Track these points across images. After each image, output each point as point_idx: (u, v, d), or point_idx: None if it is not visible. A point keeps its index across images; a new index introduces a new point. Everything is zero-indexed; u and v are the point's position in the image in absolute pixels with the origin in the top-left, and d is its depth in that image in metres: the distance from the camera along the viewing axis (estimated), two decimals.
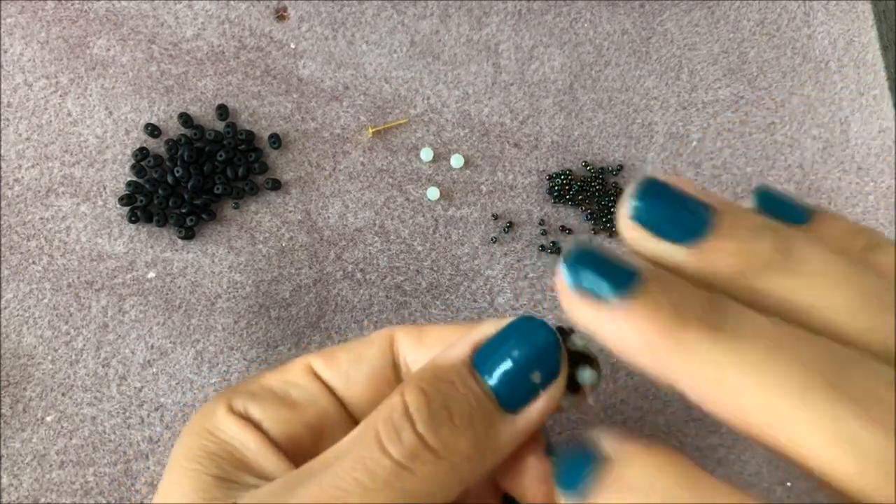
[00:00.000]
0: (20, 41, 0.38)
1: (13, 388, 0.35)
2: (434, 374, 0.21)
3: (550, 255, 0.41)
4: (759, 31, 0.45)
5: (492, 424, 0.21)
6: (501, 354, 0.21)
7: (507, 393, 0.21)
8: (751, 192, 0.19)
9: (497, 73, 0.42)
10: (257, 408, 0.25)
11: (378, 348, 0.26)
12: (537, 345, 0.21)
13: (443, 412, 0.20)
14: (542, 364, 0.21)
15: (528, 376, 0.21)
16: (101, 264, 0.37)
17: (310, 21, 0.41)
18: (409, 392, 0.20)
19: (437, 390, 0.20)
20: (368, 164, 0.40)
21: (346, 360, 0.26)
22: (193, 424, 0.25)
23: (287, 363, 0.27)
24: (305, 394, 0.26)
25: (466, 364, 0.21)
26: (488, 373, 0.21)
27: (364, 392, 0.26)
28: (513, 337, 0.21)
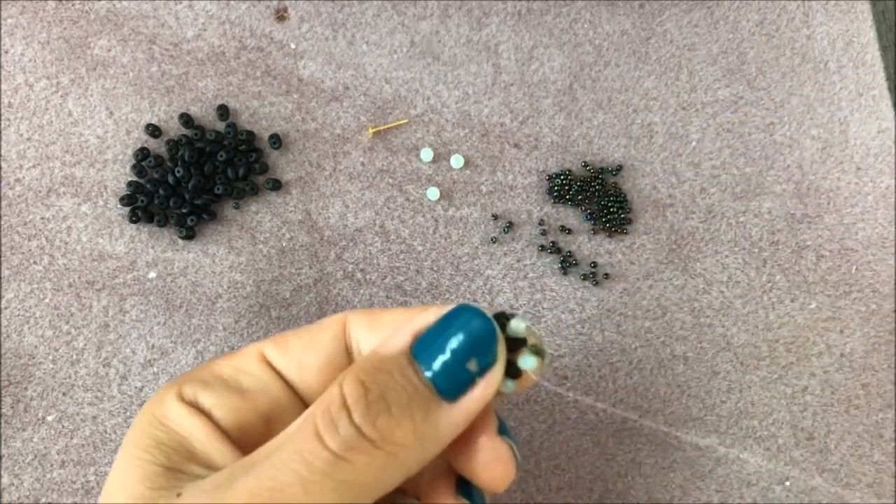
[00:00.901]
0: (21, 42, 0.38)
1: (14, 388, 0.35)
2: (373, 365, 0.21)
3: (550, 255, 0.41)
4: (758, 31, 0.45)
5: (430, 413, 0.21)
6: (439, 344, 0.21)
7: (445, 382, 0.21)
8: None
9: (497, 74, 0.42)
10: (207, 395, 0.24)
11: (330, 334, 0.26)
12: (473, 333, 0.21)
13: (380, 403, 0.20)
14: (478, 352, 0.21)
15: (464, 365, 0.21)
16: (102, 264, 0.37)
17: (310, 21, 0.41)
18: (347, 383, 0.21)
19: (376, 381, 0.21)
20: (369, 164, 0.40)
21: (298, 347, 0.25)
22: (145, 412, 0.25)
23: (240, 349, 0.27)
24: (257, 381, 0.25)
25: (405, 353, 0.21)
26: (426, 362, 0.21)
27: (316, 379, 0.26)
28: (450, 326, 0.21)
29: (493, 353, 0.21)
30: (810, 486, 0.40)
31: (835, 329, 0.42)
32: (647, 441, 0.40)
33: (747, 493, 0.40)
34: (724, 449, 0.40)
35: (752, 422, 0.40)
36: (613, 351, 0.40)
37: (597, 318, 0.40)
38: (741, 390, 0.41)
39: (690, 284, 0.41)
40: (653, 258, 0.41)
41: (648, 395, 0.40)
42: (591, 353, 0.40)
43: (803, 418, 0.41)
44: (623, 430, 0.40)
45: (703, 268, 0.42)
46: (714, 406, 0.40)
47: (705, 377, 0.41)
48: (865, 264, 0.43)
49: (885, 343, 0.42)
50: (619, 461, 0.39)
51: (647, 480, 0.39)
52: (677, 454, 0.40)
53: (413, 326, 0.22)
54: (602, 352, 0.40)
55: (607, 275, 0.41)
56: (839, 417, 0.41)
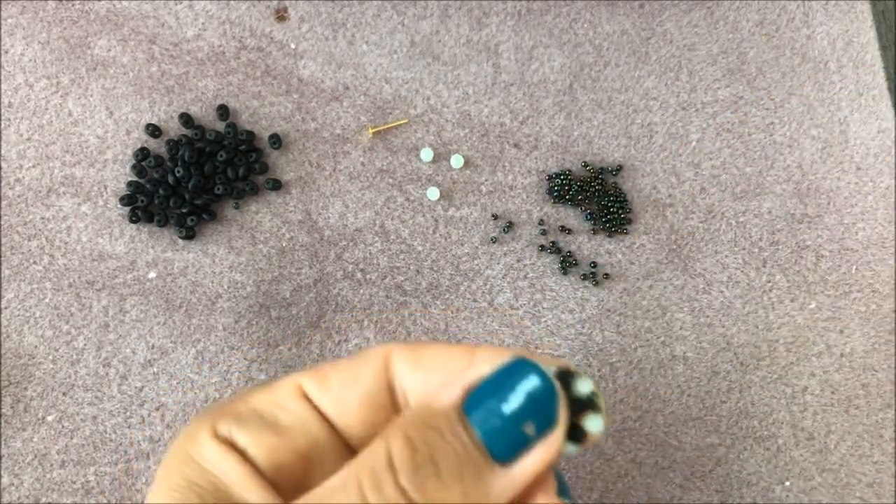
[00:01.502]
0: (21, 42, 0.38)
1: (14, 388, 0.35)
2: (422, 421, 0.20)
3: (550, 255, 0.41)
4: (758, 31, 0.45)
5: (481, 477, 0.20)
6: (493, 401, 0.20)
7: (499, 444, 0.20)
8: None
9: (497, 74, 0.42)
10: (243, 433, 0.23)
11: (372, 371, 0.24)
12: (531, 394, 0.20)
13: (429, 465, 0.19)
14: (536, 415, 0.20)
15: (520, 427, 0.20)
16: (102, 264, 0.37)
17: (310, 21, 0.41)
18: (394, 440, 0.20)
19: (424, 440, 0.20)
20: (369, 164, 0.40)
21: (339, 383, 0.24)
22: (177, 449, 0.24)
23: (276, 382, 0.25)
24: (295, 418, 0.24)
25: (457, 410, 0.20)
26: (479, 420, 0.20)
27: (357, 418, 0.24)
28: (506, 382, 0.20)
29: (553, 416, 0.20)
30: (810, 486, 0.40)
31: (835, 329, 0.42)
32: (647, 441, 0.40)
33: (747, 493, 0.40)
34: (725, 449, 0.40)
35: (752, 422, 0.40)
36: (613, 351, 0.40)
37: (597, 318, 0.40)
38: (741, 390, 0.41)
39: (690, 284, 0.41)
40: (653, 258, 0.41)
41: (648, 395, 0.40)
42: (591, 353, 0.40)
43: (803, 418, 0.41)
44: (623, 430, 0.40)
45: (703, 268, 0.42)
46: (714, 406, 0.40)
47: (705, 377, 0.41)
48: (865, 264, 0.43)
49: (885, 343, 0.42)
50: (619, 461, 0.39)
51: (647, 480, 0.39)
52: (677, 454, 0.40)
53: (465, 379, 0.21)
54: (602, 351, 0.40)
55: (607, 275, 0.41)
56: (839, 417, 0.41)
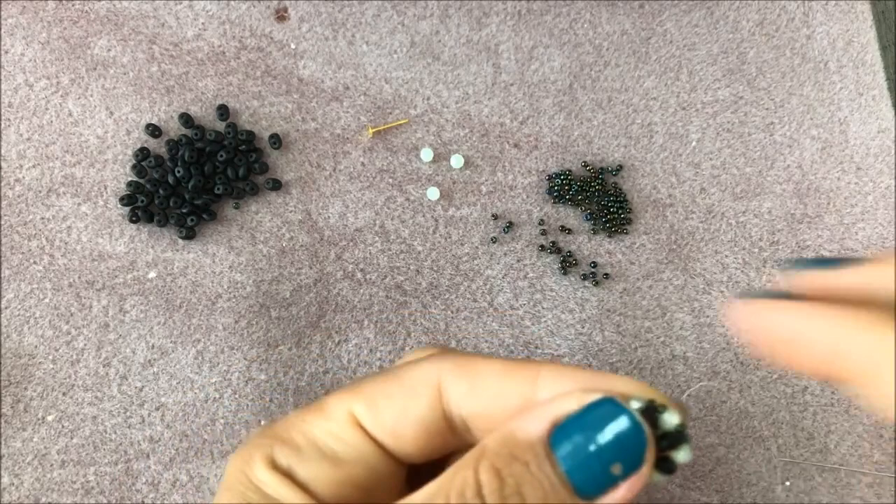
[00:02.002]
0: (21, 42, 0.38)
1: (14, 388, 0.35)
2: (509, 452, 0.20)
3: (550, 255, 0.41)
4: (758, 31, 0.45)
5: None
6: (581, 439, 0.20)
7: (584, 481, 0.20)
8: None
9: (497, 74, 0.42)
10: (304, 467, 0.23)
11: (426, 402, 0.24)
12: (620, 436, 0.20)
13: (516, 497, 0.20)
14: (624, 457, 0.20)
15: (608, 467, 0.20)
16: (102, 264, 0.37)
17: (310, 21, 0.41)
18: (483, 470, 0.20)
19: (511, 472, 0.20)
20: (369, 164, 0.40)
21: (391, 412, 0.24)
22: (237, 471, 0.24)
23: (326, 405, 0.25)
24: (352, 450, 0.24)
25: (544, 445, 0.20)
26: (566, 456, 0.20)
27: (415, 446, 0.24)
28: (595, 422, 0.20)
29: (641, 459, 0.20)
30: (810, 487, 0.40)
31: None
32: None
33: (747, 492, 0.40)
34: (725, 449, 0.40)
35: (752, 422, 0.40)
36: (613, 351, 0.40)
37: (597, 318, 0.40)
38: (741, 390, 0.41)
39: (690, 284, 0.41)
40: (653, 258, 0.41)
41: None
42: (591, 353, 0.40)
43: (803, 418, 0.41)
44: None
45: (703, 268, 0.42)
46: (715, 406, 0.40)
47: (706, 377, 0.41)
48: None
49: None
50: None
51: None
52: None
53: (551, 412, 0.21)
54: (602, 352, 0.40)
55: (607, 275, 0.41)
56: (839, 417, 0.41)
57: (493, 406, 0.24)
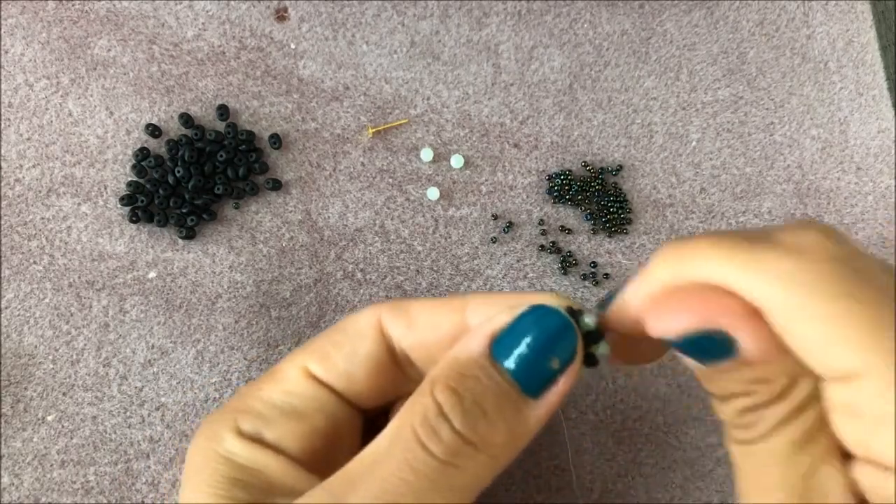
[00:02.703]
0: (21, 41, 0.38)
1: (14, 388, 0.35)
2: (458, 371, 0.22)
3: (550, 255, 0.41)
4: (758, 31, 0.45)
5: (520, 411, 0.22)
6: (519, 344, 0.22)
7: (529, 380, 0.22)
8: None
9: (497, 74, 0.42)
10: (270, 430, 0.24)
11: (371, 342, 0.26)
12: (553, 333, 0.22)
13: (475, 408, 0.21)
14: (559, 350, 0.22)
15: (547, 363, 0.22)
16: (102, 264, 0.37)
17: (310, 21, 0.41)
18: (439, 391, 0.21)
19: (466, 387, 0.21)
20: (368, 164, 0.40)
21: (342, 359, 0.26)
22: (202, 449, 0.24)
23: (278, 369, 0.26)
24: (311, 402, 0.25)
25: (487, 357, 0.22)
26: (508, 363, 0.22)
27: (366, 386, 0.26)
28: (528, 326, 0.22)
29: (573, 349, 0.22)
30: None
31: None
32: (647, 441, 0.40)
33: None
34: (725, 449, 0.40)
35: None
36: None
37: None
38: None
39: None
40: None
41: (648, 394, 0.40)
42: None
43: None
44: (623, 430, 0.40)
45: None
46: None
47: None
48: None
49: None
50: (619, 461, 0.39)
51: (647, 480, 0.39)
52: (677, 454, 0.40)
53: (487, 329, 0.22)
54: None
55: (607, 275, 0.41)
56: None
57: (430, 336, 0.25)
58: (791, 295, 0.17)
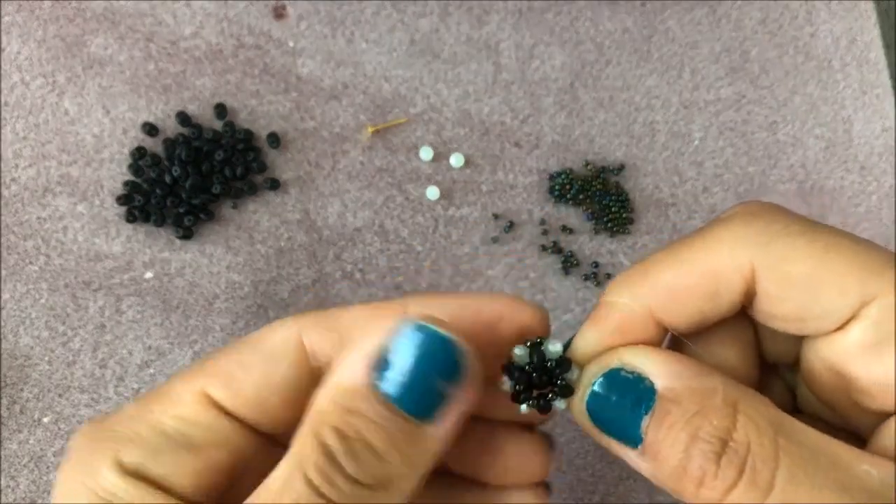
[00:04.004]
0: (17, 40, 0.38)
1: (10, 390, 0.35)
2: (343, 405, 0.20)
3: (552, 255, 0.40)
4: (761, 29, 0.45)
5: (413, 438, 0.20)
6: (398, 369, 0.20)
7: (418, 406, 0.20)
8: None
9: (497, 72, 0.42)
10: (156, 463, 0.21)
11: (288, 364, 0.23)
12: (432, 352, 0.20)
13: (365, 449, 0.20)
14: (443, 371, 0.20)
15: (433, 385, 0.20)
16: (99, 264, 0.37)
17: (309, 19, 0.41)
18: (327, 434, 0.20)
19: (351, 426, 0.20)
20: (368, 163, 0.40)
21: (251, 385, 0.22)
22: (75, 484, 0.21)
23: (172, 389, 0.22)
24: (209, 434, 0.22)
25: (368, 387, 0.20)
26: (391, 390, 0.20)
27: (283, 414, 0.23)
28: (404, 347, 0.20)
29: (459, 367, 0.20)
30: None
31: None
32: None
33: None
34: None
35: None
36: None
37: None
38: None
39: None
40: None
41: None
42: None
43: None
44: None
45: None
46: None
47: None
48: None
49: None
50: (621, 464, 0.39)
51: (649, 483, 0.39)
52: None
53: (366, 351, 0.20)
54: None
55: (609, 275, 0.40)
56: None
57: None
58: (772, 257, 0.20)
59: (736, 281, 0.21)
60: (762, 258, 0.20)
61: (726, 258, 0.21)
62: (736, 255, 0.20)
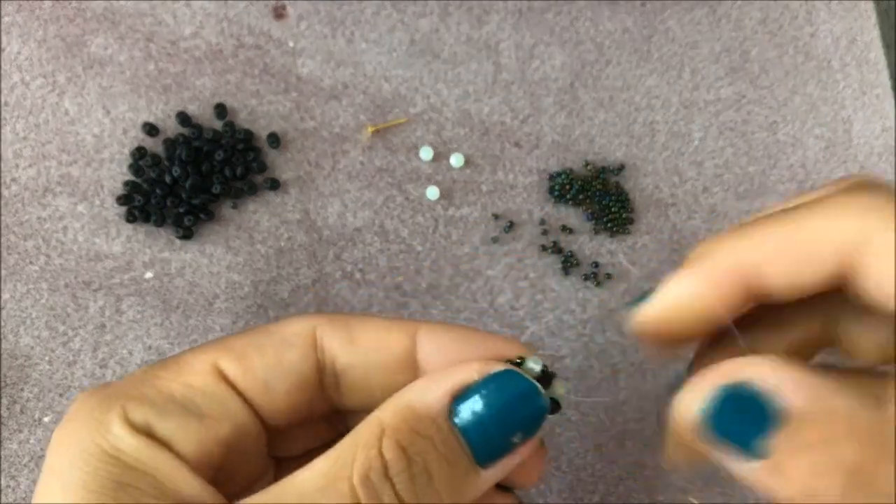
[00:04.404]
0: (17, 40, 0.38)
1: (10, 389, 0.35)
2: (412, 427, 0.20)
3: (551, 255, 0.40)
4: (761, 29, 0.45)
5: (467, 480, 0.20)
6: (483, 411, 0.20)
7: (485, 450, 0.20)
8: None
9: (497, 72, 0.42)
10: (163, 423, 0.21)
11: (300, 352, 0.23)
12: (522, 404, 0.20)
13: (423, 474, 0.19)
14: (524, 424, 0.20)
15: (509, 436, 0.20)
16: (99, 264, 0.37)
17: (309, 19, 0.41)
18: (388, 448, 0.19)
19: (417, 449, 0.19)
20: (368, 163, 0.40)
21: (263, 366, 0.23)
22: (79, 441, 0.20)
23: (184, 358, 0.23)
24: (217, 405, 0.22)
25: (446, 418, 0.20)
26: (469, 430, 0.20)
27: (285, 401, 0.23)
28: (498, 392, 0.20)
29: (538, 423, 0.21)
30: None
31: None
32: (650, 443, 0.39)
33: (750, 495, 0.39)
34: None
35: None
36: (615, 352, 0.40)
37: (598, 319, 0.40)
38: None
39: None
40: (655, 258, 0.41)
41: (650, 396, 0.40)
42: (593, 354, 0.40)
43: None
44: (625, 432, 0.39)
45: None
46: None
47: None
48: None
49: None
50: (621, 463, 0.39)
51: (649, 483, 0.39)
52: None
53: (452, 382, 0.20)
54: (604, 353, 0.40)
55: (609, 275, 0.41)
56: None
57: (372, 358, 0.23)
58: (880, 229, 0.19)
59: (846, 251, 0.19)
60: (883, 230, 0.19)
61: (844, 224, 0.19)
62: (853, 223, 0.19)
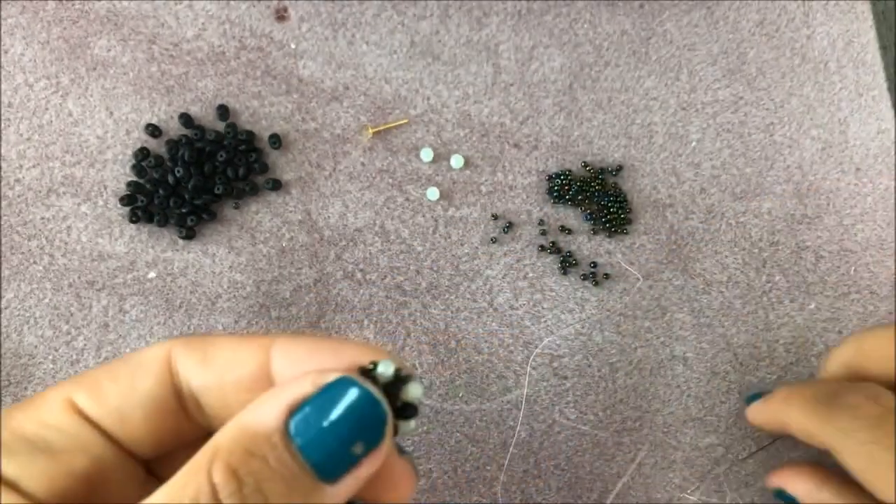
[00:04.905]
0: (21, 41, 0.38)
1: (14, 388, 0.35)
2: (245, 447, 0.19)
3: (550, 255, 0.41)
4: (758, 31, 0.45)
5: (310, 496, 0.19)
6: (320, 424, 0.19)
7: (327, 465, 0.19)
8: None
9: (497, 74, 0.42)
10: (10, 464, 0.20)
11: (153, 378, 0.22)
12: (360, 415, 0.19)
13: (257, 496, 0.18)
14: (366, 434, 0.19)
15: (349, 447, 0.19)
16: (102, 264, 0.37)
17: (310, 21, 0.41)
18: (218, 471, 0.18)
19: (249, 470, 0.18)
20: (368, 164, 0.40)
21: (116, 395, 0.22)
22: None
23: (38, 397, 0.22)
24: (69, 440, 0.21)
25: (281, 434, 0.19)
26: (305, 444, 0.19)
27: (144, 428, 0.22)
28: (332, 403, 0.19)
29: (381, 434, 0.19)
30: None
31: (833, 330, 0.42)
32: (646, 441, 0.40)
33: (746, 493, 0.40)
34: (724, 449, 0.40)
35: None
36: (613, 351, 0.40)
37: (597, 319, 0.40)
38: (741, 391, 0.41)
39: (690, 284, 0.41)
40: (652, 258, 0.42)
41: (648, 395, 0.40)
42: (591, 354, 0.40)
43: None
44: (623, 431, 0.40)
45: (703, 268, 0.42)
46: (714, 406, 0.40)
47: (705, 377, 0.41)
48: (864, 266, 0.43)
49: None
50: (619, 461, 0.39)
51: (647, 481, 0.39)
52: (677, 454, 0.40)
53: (287, 396, 0.19)
54: (602, 352, 0.40)
55: (607, 275, 0.41)
56: None
57: (226, 377, 0.22)
58: (852, 442, 0.29)
59: None
60: None
61: None
62: None
